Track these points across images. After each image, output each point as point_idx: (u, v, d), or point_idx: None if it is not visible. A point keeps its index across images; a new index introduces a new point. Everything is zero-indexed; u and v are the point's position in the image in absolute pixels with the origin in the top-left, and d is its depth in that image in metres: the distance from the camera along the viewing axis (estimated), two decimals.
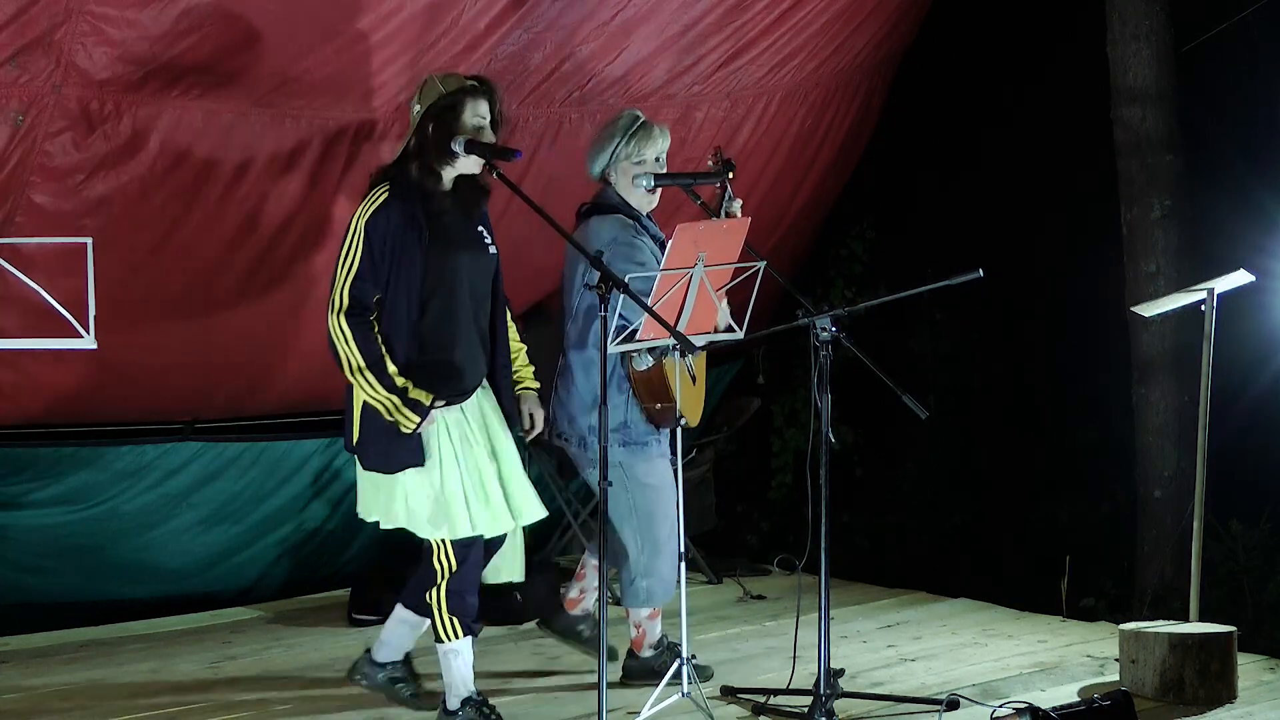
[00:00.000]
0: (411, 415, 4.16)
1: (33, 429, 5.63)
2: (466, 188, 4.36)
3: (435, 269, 4.23)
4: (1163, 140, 6.28)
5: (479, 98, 4.31)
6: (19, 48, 4.47)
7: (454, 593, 4.31)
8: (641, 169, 4.73)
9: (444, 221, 4.28)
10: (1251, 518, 6.25)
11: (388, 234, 4.18)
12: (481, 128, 4.29)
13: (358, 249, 4.18)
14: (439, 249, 4.25)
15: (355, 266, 4.17)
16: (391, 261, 4.19)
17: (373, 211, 4.20)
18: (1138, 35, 6.27)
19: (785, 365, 7.57)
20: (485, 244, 4.42)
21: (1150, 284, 6.21)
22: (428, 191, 4.26)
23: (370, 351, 4.15)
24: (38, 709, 4.82)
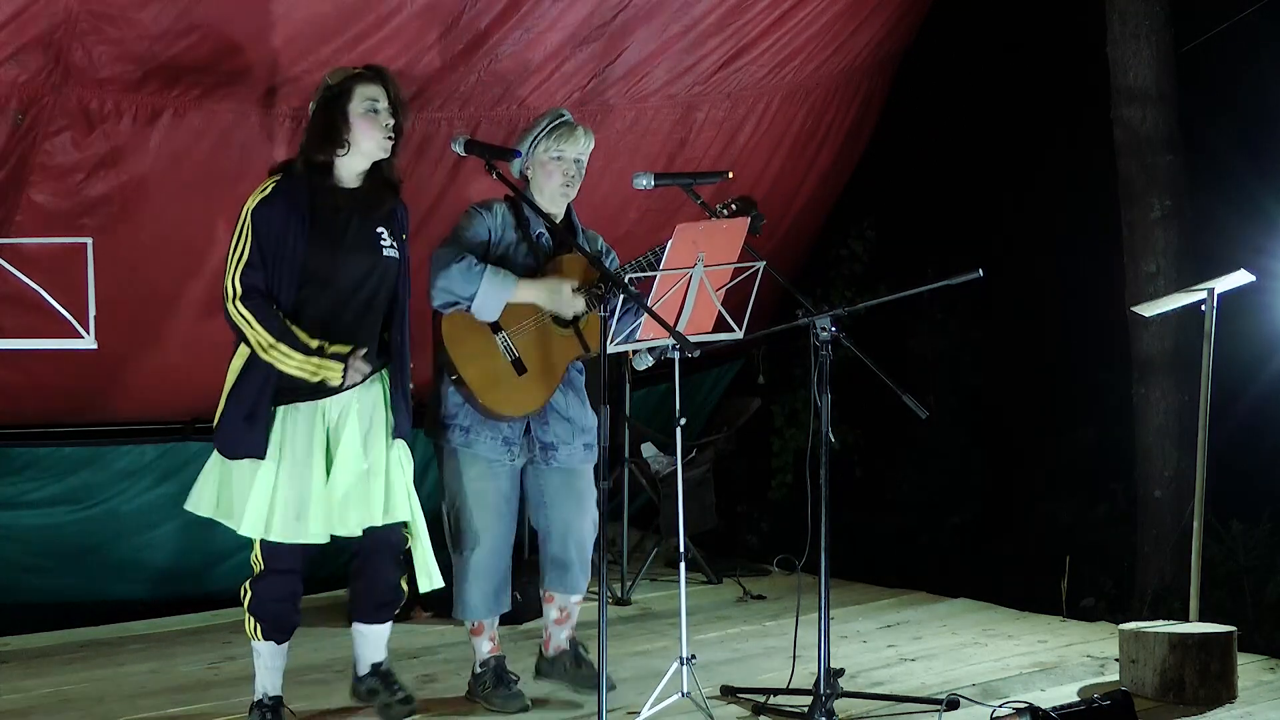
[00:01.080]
0: (334, 366, 4.11)
1: (33, 429, 5.63)
2: (370, 186, 4.27)
3: (314, 265, 4.15)
4: (1163, 140, 6.28)
5: (369, 83, 4.23)
6: (19, 47, 4.47)
7: (256, 595, 4.28)
8: (558, 165, 4.62)
9: (332, 219, 4.20)
10: (1251, 518, 6.25)
11: (272, 223, 4.11)
12: (374, 110, 4.20)
13: (246, 238, 4.12)
14: (321, 246, 4.16)
15: (245, 255, 4.11)
16: (273, 255, 4.12)
17: (259, 202, 4.14)
18: (1138, 35, 6.27)
19: (785, 365, 7.57)
20: (381, 245, 4.28)
21: (1150, 284, 6.21)
22: (316, 187, 4.19)
23: (274, 325, 4.10)
24: (38, 709, 4.82)
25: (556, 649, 4.87)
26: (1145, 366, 6.32)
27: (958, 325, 7.60)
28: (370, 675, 4.57)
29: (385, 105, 4.23)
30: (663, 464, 6.72)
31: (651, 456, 6.79)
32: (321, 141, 4.20)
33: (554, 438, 4.67)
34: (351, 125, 4.20)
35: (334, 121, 4.19)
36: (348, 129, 4.19)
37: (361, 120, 4.20)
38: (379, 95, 4.23)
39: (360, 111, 4.20)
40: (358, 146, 4.22)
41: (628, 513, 6.52)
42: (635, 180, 4.65)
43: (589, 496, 4.74)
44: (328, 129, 4.19)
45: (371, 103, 4.21)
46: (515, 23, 5.31)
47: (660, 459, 6.77)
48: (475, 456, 4.59)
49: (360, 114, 4.20)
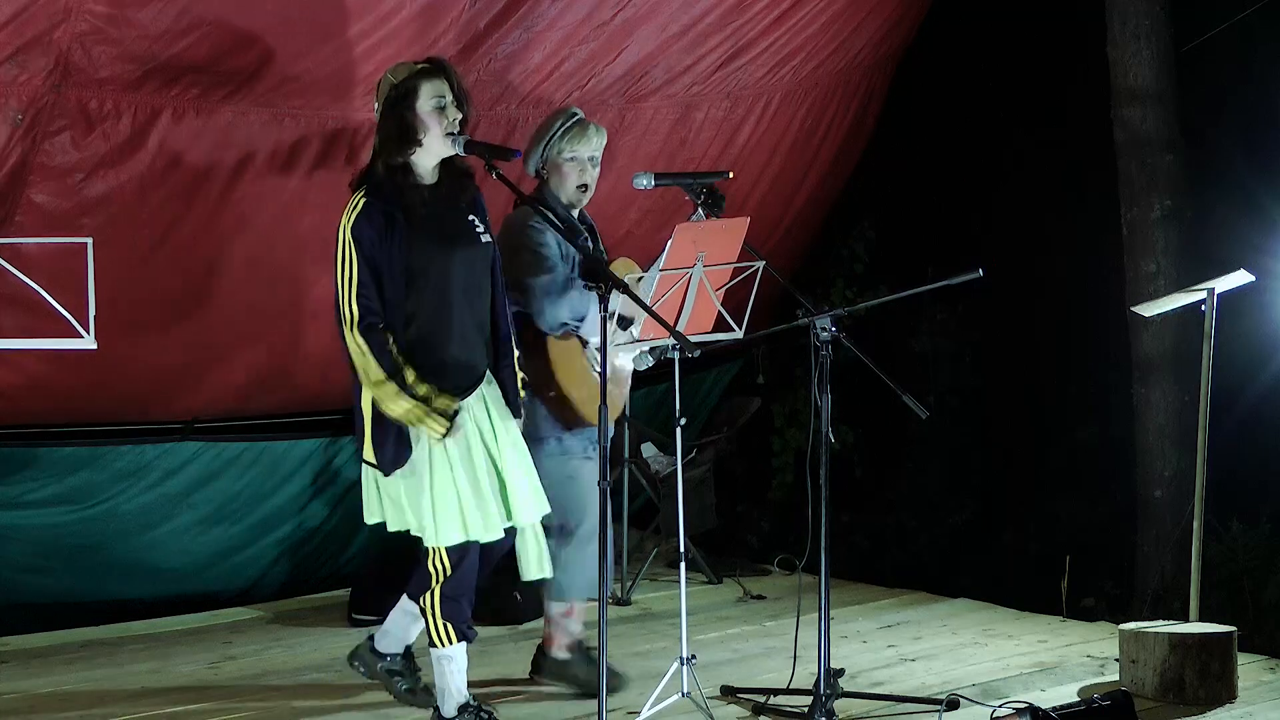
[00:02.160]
0: (440, 421, 4.11)
1: (33, 429, 5.63)
2: (449, 176, 4.28)
3: (421, 264, 4.15)
4: (1163, 140, 6.28)
5: (434, 78, 4.21)
6: (18, 47, 4.47)
7: (447, 598, 4.26)
8: (574, 166, 4.67)
9: (427, 214, 4.19)
10: (1251, 518, 6.25)
11: (374, 237, 4.10)
12: (442, 107, 4.19)
13: (352, 257, 4.10)
14: (424, 243, 4.16)
15: (355, 275, 4.09)
16: (382, 263, 4.12)
17: (355, 217, 4.12)
18: (1138, 35, 6.27)
19: (785, 365, 7.57)
20: (477, 233, 4.31)
21: (1150, 284, 6.21)
22: (402, 186, 4.18)
23: (387, 362, 4.08)
24: (38, 709, 4.82)
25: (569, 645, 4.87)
26: (1145, 366, 6.32)
27: (958, 325, 7.60)
28: (400, 656, 4.59)
29: (451, 100, 4.22)
30: (663, 464, 6.72)
31: (651, 456, 6.79)
32: (398, 143, 4.18)
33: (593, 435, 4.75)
34: (423, 123, 4.18)
35: (405, 120, 4.17)
36: (421, 127, 4.18)
37: (430, 118, 4.18)
38: (445, 90, 4.21)
39: (429, 109, 4.18)
40: (429, 146, 4.21)
41: (628, 513, 6.52)
42: (635, 180, 4.65)
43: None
44: (401, 129, 4.17)
45: (439, 99, 4.19)
46: (515, 23, 5.31)
47: (660, 459, 6.77)
48: (572, 455, 4.71)
49: (429, 111, 4.18)
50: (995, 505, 7.43)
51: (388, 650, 4.61)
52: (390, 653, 4.61)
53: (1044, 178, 7.33)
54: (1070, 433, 7.29)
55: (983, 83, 7.47)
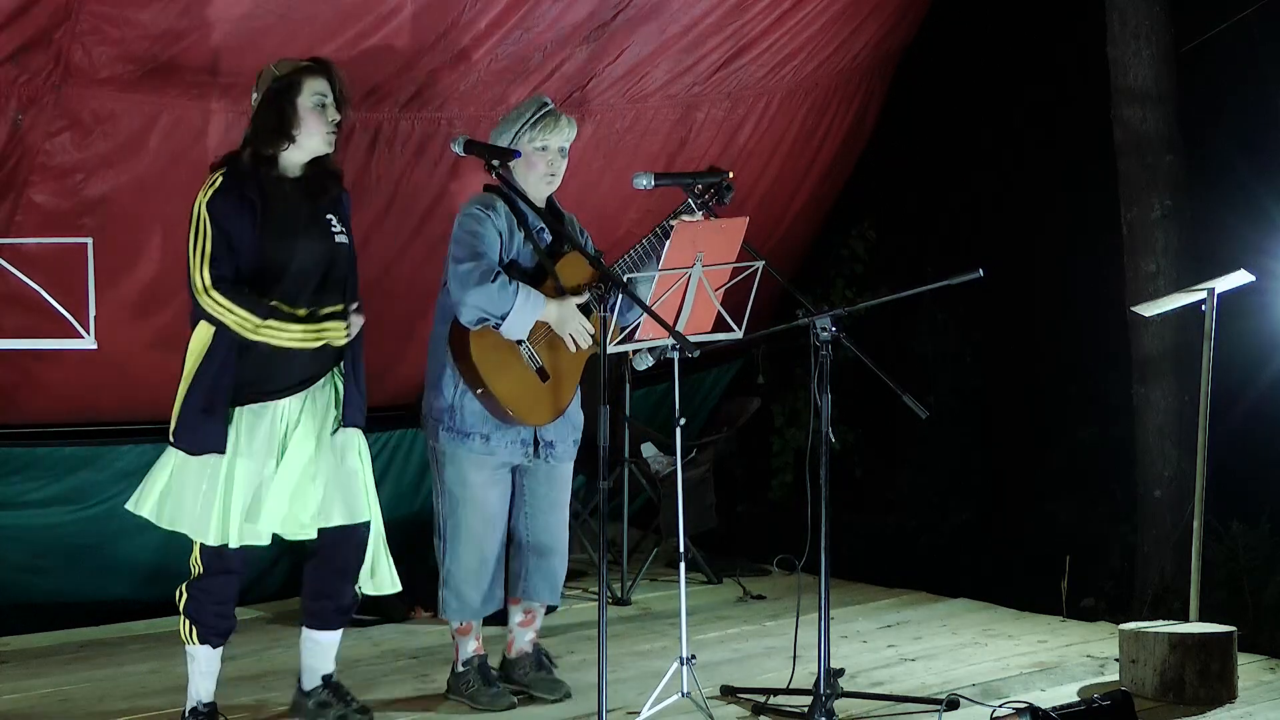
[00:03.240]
0: (335, 325, 4.12)
1: (33, 429, 5.63)
2: (314, 174, 4.24)
3: (268, 257, 4.11)
4: (1163, 140, 6.28)
5: (316, 76, 4.19)
6: (19, 47, 4.47)
7: (194, 598, 4.22)
8: (542, 156, 4.58)
9: (282, 207, 4.15)
10: (1251, 518, 6.24)
11: (226, 216, 4.06)
12: (322, 105, 4.17)
13: (206, 231, 4.05)
14: (273, 236, 4.11)
15: (208, 248, 4.04)
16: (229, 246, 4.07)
17: (212, 194, 4.08)
18: (1138, 35, 6.27)
19: (785, 365, 7.57)
20: (332, 231, 4.25)
21: (1150, 284, 6.21)
22: (263, 178, 4.15)
23: (257, 307, 4.04)
24: (38, 709, 4.82)
25: (519, 651, 4.86)
26: (1145, 366, 6.32)
27: (958, 325, 7.60)
28: (321, 688, 4.49)
29: (331, 100, 4.20)
30: (663, 464, 6.72)
31: (651, 456, 6.79)
32: (271, 134, 4.15)
33: (554, 435, 4.68)
34: (301, 119, 4.16)
35: (283, 114, 4.15)
36: (297, 122, 4.16)
37: (310, 115, 4.16)
38: (326, 90, 4.19)
39: (309, 106, 4.16)
40: (304, 142, 4.19)
41: (628, 513, 6.51)
42: (635, 180, 4.65)
43: (566, 500, 4.80)
44: (278, 121, 4.15)
45: (320, 97, 4.18)
46: (515, 23, 5.31)
47: (660, 459, 6.77)
48: (487, 460, 4.58)
49: (309, 108, 4.17)
50: (995, 505, 7.43)
51: (308, 686, 4.51)
52: (312, 686, 4.50)
53: (1044, 178, 7.33)
54: (1070, 433, 7.29)
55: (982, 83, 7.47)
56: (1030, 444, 7.44)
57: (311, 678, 4.50)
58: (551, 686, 4.82)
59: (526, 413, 4.53)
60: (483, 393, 4.49)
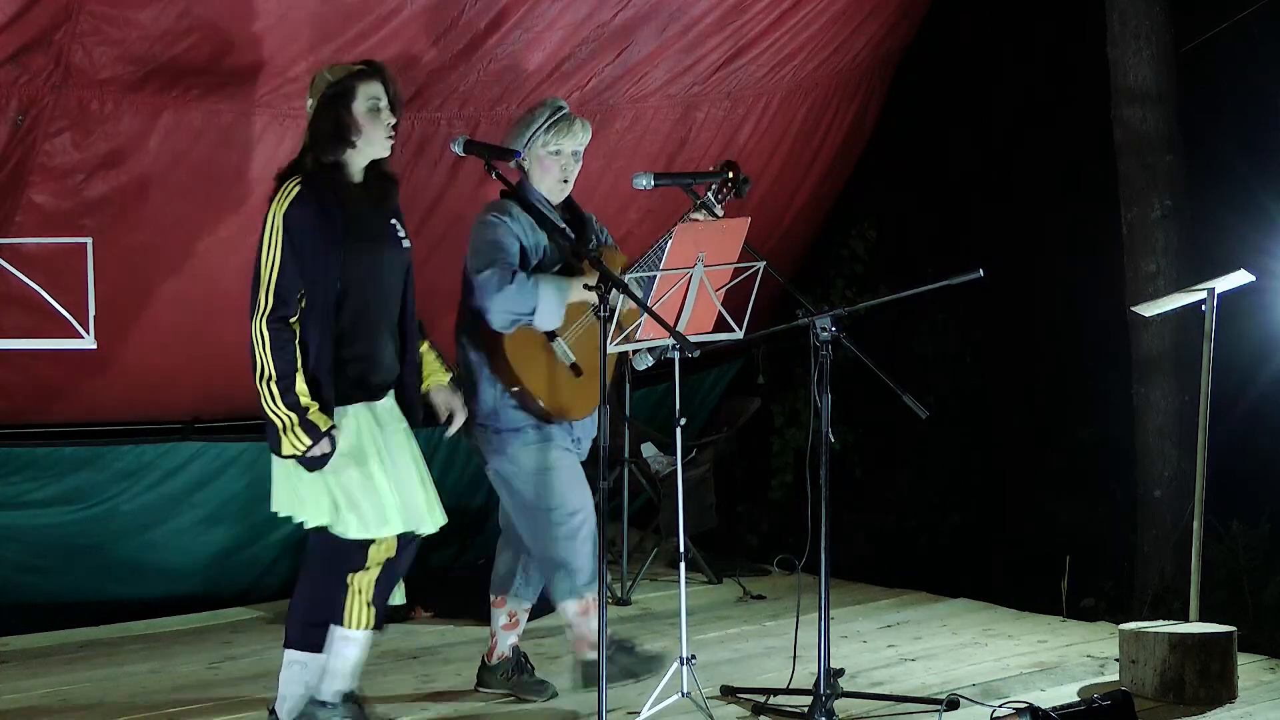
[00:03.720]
0: (304, 438, 4.01)
1: (33, 429, 5.63)
2: (375, 178, 4.24)
3: (351, 264, 4.11)
4: (1163, 140, 6.28)
5: (370, 80, 4.18)
6: (19, 48, 4.47)
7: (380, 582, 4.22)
8: (556, 160, 4.60)
9: (356, 214, 4.16)
10: (1251, 518, 6.25)
11: (305, 226, 4.05)
12: (377, 110, 4.16)
13: (278, 245, 4.03)
14: (354, 243, 4.12)
15: (278, 263, 4.02)
16: (311, 255, 4.05)
17: (289, 204, 4.06)
18: (1138, 35, 6.27)
19: (785, 365, 7.57)
20: (399, 237, 4.29)
21: (1150, 284, 6.21)
22: (335, 183, 4.15)
23: (284, 363, 4.01)
24: (38, 709, 4.82)
25: (500, 656, 4.84)
26: (1145, 366, 6.32)
27: (958, 325, 7.60)
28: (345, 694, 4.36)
29: (386, 103, 4.20)
30: (663, 464, 6.72)
31: (651, 456, 6.79)
32: (331, 141, 4.15)
33: (583, 432, 4.72)
34: (360, 124, 4.16)
35: (341, 120, 4.14)
36: (356, 128, 4.15)
37: (366, 119, 4.16)
38: (380, 94, 4.19)
39: (364, 110, 4.16)
40: (363, 147, 4.18)
41: (628, 513, 6.51)
42: (635, 180, 4.65)
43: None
44: (336, 128, 4.14)
45: (374, 101, 4.17)
46: (515, 23, 5.31)
47: (660, 459, 6.77)
48: (553, 446, 4.59)
49: (364, 113, 4.16)
50: (995, 505, 7.43)
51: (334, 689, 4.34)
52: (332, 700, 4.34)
53: (1044, 178, 7.33)
54: (1070, 433, 7.29)
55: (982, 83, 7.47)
56: (1030, 444, 7.44)
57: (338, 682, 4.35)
58: (539, 688, 4.82)
59: (563, 409, 4.56)
60: (518, 390, 4.51)
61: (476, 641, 5.58)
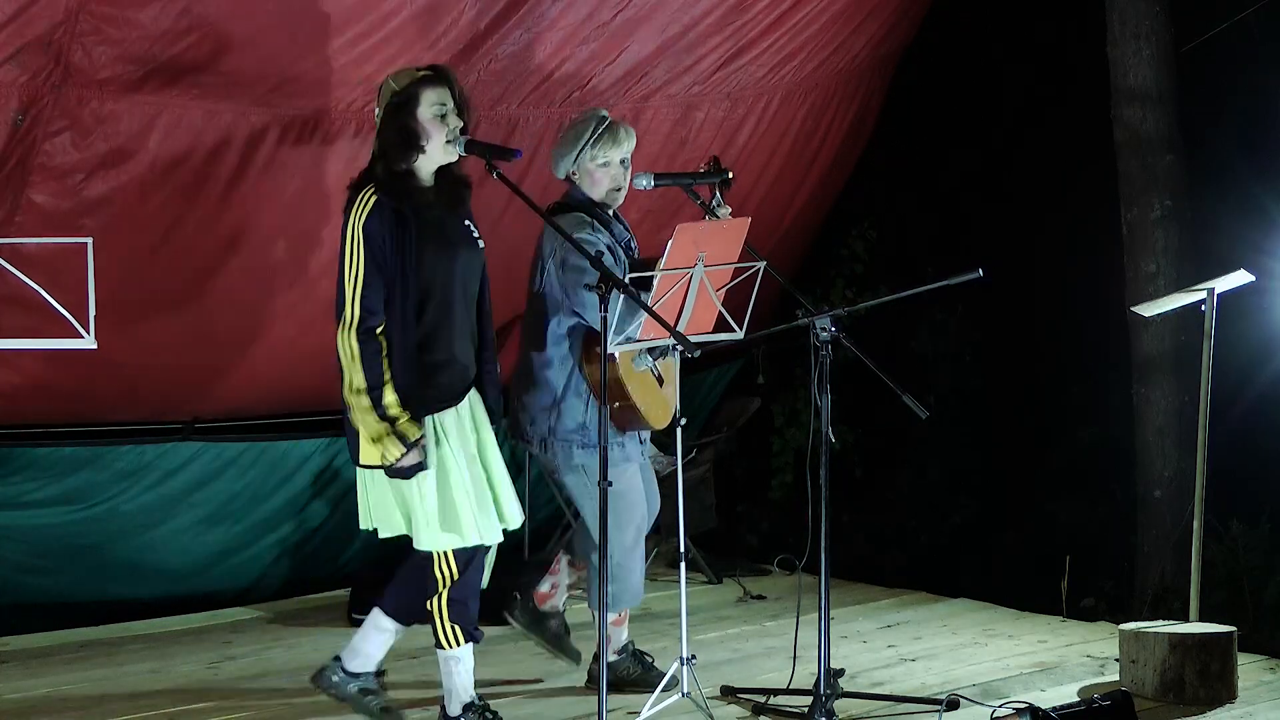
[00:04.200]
0: (397, 447, 4.08)
1: (33, 429, 5.63)
2: (448, 182, 4.27)
3: (430, 268, 4.15)
4: (1163, 140, 6.28)
5: (435, 85, 4.20)
6: (19, 47, 4.46)
7: (456, 601, 4.26)
8: (606, 171, 4.66)
9: (432, 218, 4.20)
10: (1251, 518, 6.25)
11: (385, 235, 4.10)
12: (443, 115, 4.18)
13: (360, 255, 4.08)
14: (433, 247, 4.17)
15: (362, 273, 4.07)
16: (391, 263, 4.10)
17: (367, 214, 4.10)
18: (1138, 35, 6.27)
19: (785, 365, 7.57)
20: (474, 238, 4.34)
21: (1150, 284, 6.21)
22: (409, 189, 4.17)
23: (374, 374, 4.07)
24: (38, 709, 4.82)
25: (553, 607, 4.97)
26: (1145, 366, 6.32)
27: (958, 325, 7.60)
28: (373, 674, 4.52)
29: (451, 107, 4.21)
30: (663, 464, 6.72)
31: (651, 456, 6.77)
32: (401, 148, 4.16)
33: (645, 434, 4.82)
34: (427, 130, 4.16)
35: (408, 127, 4.15)
36: (424, 134, 4.16)
37: (432, 125, 4.17)
38: (445, 98, 4.20)
39: (429, 116, 4.17)
40: (431, 153, 4.19)
41: None
42: (635, 180, 4.66)
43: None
44: (404, 135, 4.15)
45: (440, 107, 4.18)
46: (515, 23, 5.30)
47: (660, 459, 6.77)
48: (629, 459, 4.71)
49: (430, 119, 4.17)
50: (995, 505, 7.43)
51: (360, 670, 4.51)
52: (363, 671, 4.51)
53: (1044, 178, 7.32)
54: (1070, 433, 7.29)
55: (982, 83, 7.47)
56: (1030, 444, 7.43)
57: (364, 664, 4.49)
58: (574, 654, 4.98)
59: (655, 418, 4.69)
60: (620, 406, 4.57)
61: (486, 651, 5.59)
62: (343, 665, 4.53)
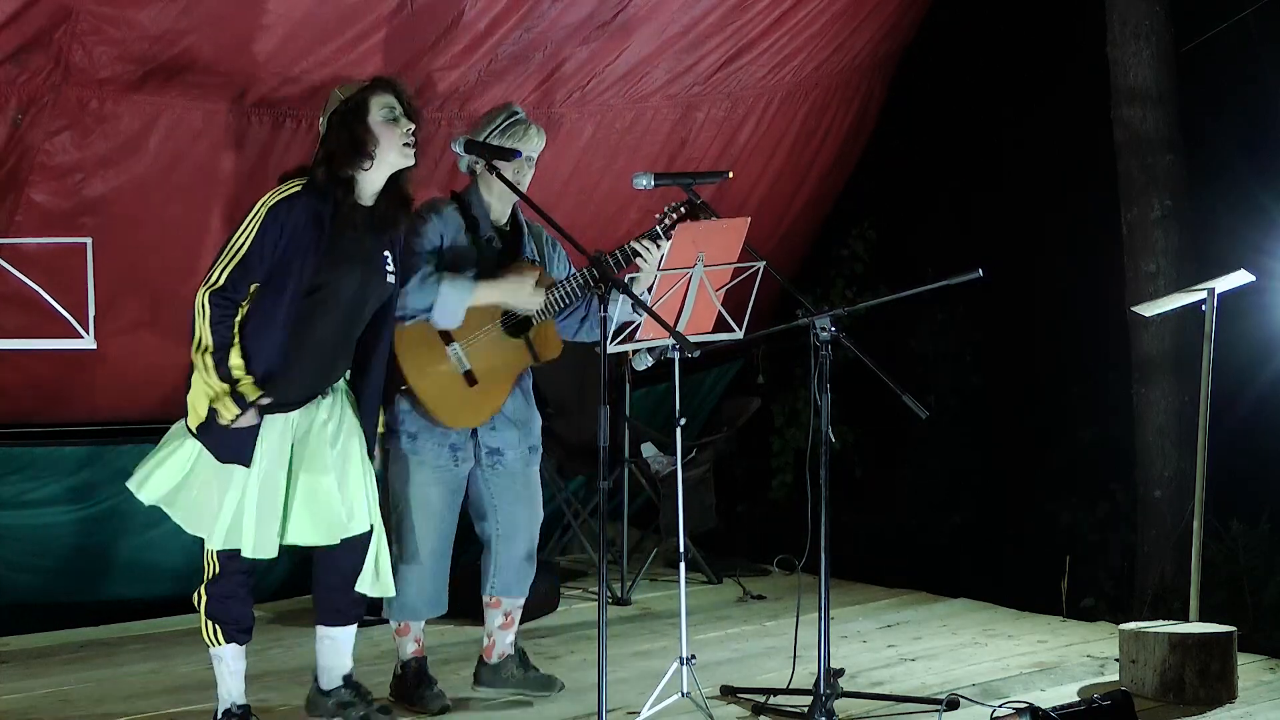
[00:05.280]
0: (231, 406, 4.01)
1: (33, 429, 5.63)
2: (387, 204, 4.21)
3: (321, 279, 4.09)
4: (1163, 140, 6.28)
5: (382, 92, 4.17)
6: (19, 47, 4.47)
7: (214, 598, 4.22)
8: (510, 166, 4.51)
9: (349, 235, 4.13)
10: (1251, 518, 6.25)
11: (286, 226, 4.03)
12: (395, 118, 4.15)
13: (250, 234, 4.01)
14: (331, 261, 4.10)
15: (243, 251, 4.01)
16: (281, 255, 4.03)
17: (280, 200, 4.05)
18: (1138, 35, 6.27)
19: (785, 365, 7.57)
20: (386, 269, 4.26)
21: (1150, 284, 6.21)
22: (338, 201, 4.12)
23: (220, 335, 4.01)
24: (38, 709, 4.82)
25: (501, 655, 4.83)
26: (1145, 366, 6.32)
27: (958, 325, 7.60)
28: (341, 687, 4.47)
29: (401, 111, 4.18)
30: (663, 464, 6.72)
31: (651, 456, 6.79)
32: (349, 154, 4.12)
33: (501, 442, 4.65)
34: (376, 135, 4.13)
35: (357, 134, 4.11)
36: (373, 140, 4.12)
37: (383, 129, 4.14)
38: (393, 102, 4.17)
39: (380, 120, 4.14)
40: (383, 157, 4.15)
41: (628, 513, 6.52)
42: (635, 180, 4.64)
43: (537, 497, 4.77)
44: (353, 141, 4.11)
45: (390, 110, 4.15)
46: (515, 23, 5.31)
47: (660, 459, 6.77)
48: (421, 463, 4.56)
49: (380, 122, 4.14)
50: (995, 505, 7.43)
51: (329, 685, 4.49)
52: (332, 687, 4.48)
53: (1044, 178, 7.32)
54: (1070, 433, 7.29)
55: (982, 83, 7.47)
56: (1030, 444, 7.44)
57: (330, 677, 4.48)
58: (545, 683, 4.83)
59: (447, 415, 4.52)
60: (405, 389, 4.49)
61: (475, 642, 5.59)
62: (318, 687, 4.52)
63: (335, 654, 4.47)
